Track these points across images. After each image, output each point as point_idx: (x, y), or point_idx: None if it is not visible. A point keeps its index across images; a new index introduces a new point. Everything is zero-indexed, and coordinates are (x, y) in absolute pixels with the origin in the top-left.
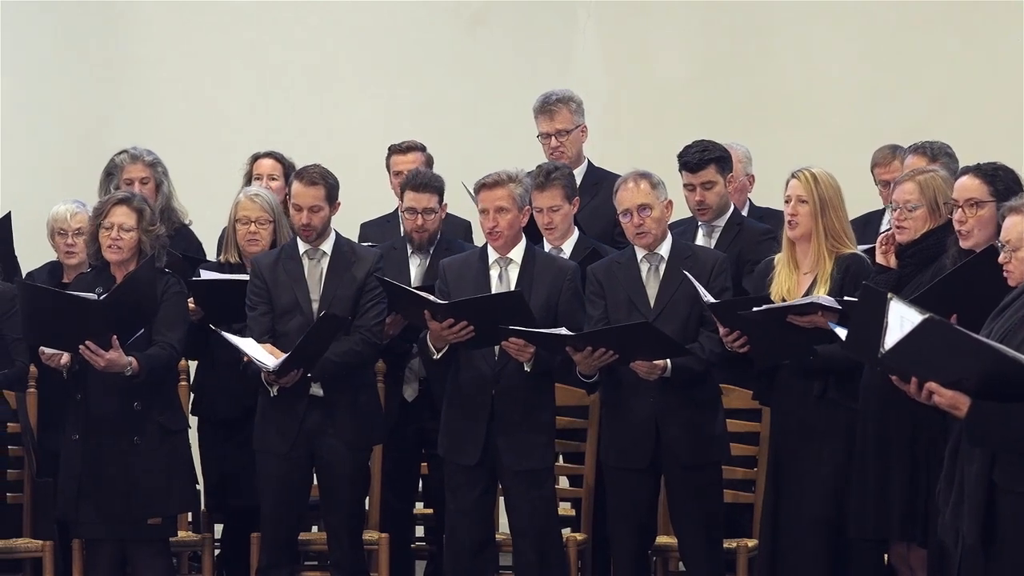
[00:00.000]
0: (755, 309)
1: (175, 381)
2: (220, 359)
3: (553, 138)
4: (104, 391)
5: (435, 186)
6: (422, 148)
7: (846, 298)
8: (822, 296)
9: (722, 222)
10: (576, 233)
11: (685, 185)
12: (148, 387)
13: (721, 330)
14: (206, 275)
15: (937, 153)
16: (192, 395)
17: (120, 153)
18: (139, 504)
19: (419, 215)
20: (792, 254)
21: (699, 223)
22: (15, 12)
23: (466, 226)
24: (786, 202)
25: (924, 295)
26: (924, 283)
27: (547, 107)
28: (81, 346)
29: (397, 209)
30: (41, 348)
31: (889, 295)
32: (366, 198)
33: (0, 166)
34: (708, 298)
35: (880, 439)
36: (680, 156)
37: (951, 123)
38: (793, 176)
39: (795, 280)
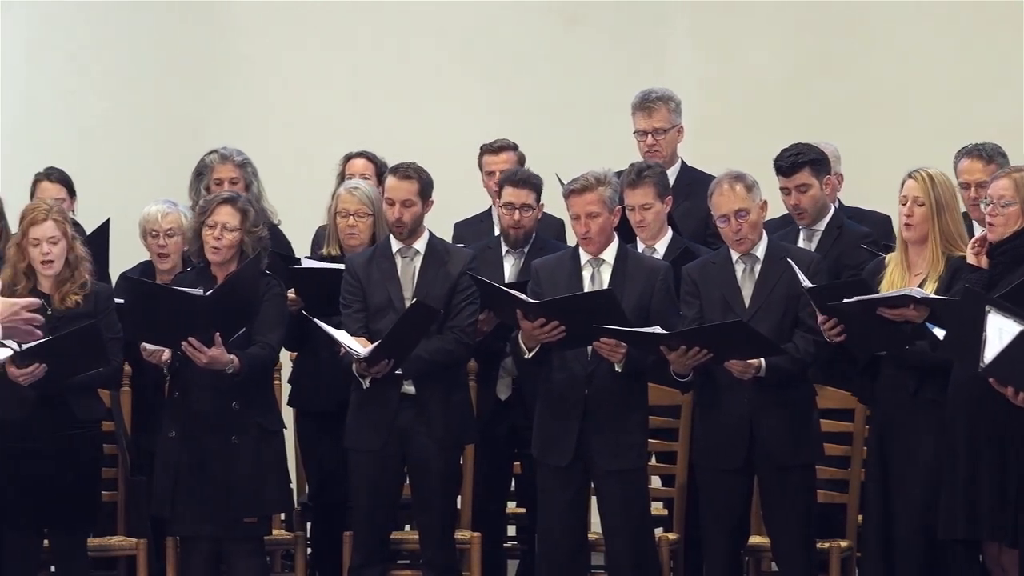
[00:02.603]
0: (846, 300)
1: (271, 381)
2: (321, 351)
3: (649, 136)
4: (203, 390)
5: (533, 183)
6: (514, 147)
7: (938, 296)
8: (914, 289)
9: (822, 225)
10: (669, 233)
11: (781, 189)
12: (246, 387)
13: (819, 318)
14: (306, 263)
15: (992, 154)
16: (289, 387)
17: (210, 153)
18: (236, 503)
19: (516, 211)
20: (905, 255)
21: (800, 227)
22: (109, 14)
23: (559, 225)
24: (901, 203)
25: (1008, 294)
26: (1013, 282)
27: (646, 104)
28: (184, 342)
29: (490, 208)
30: (143, 344)
31: (988, 307)
32: (459, 198)
33: (96, 168)
34: (806, 283)
35: (970, 438)
36: (775, 160)
37: None
38: (910, 176)
39: (906, 281)
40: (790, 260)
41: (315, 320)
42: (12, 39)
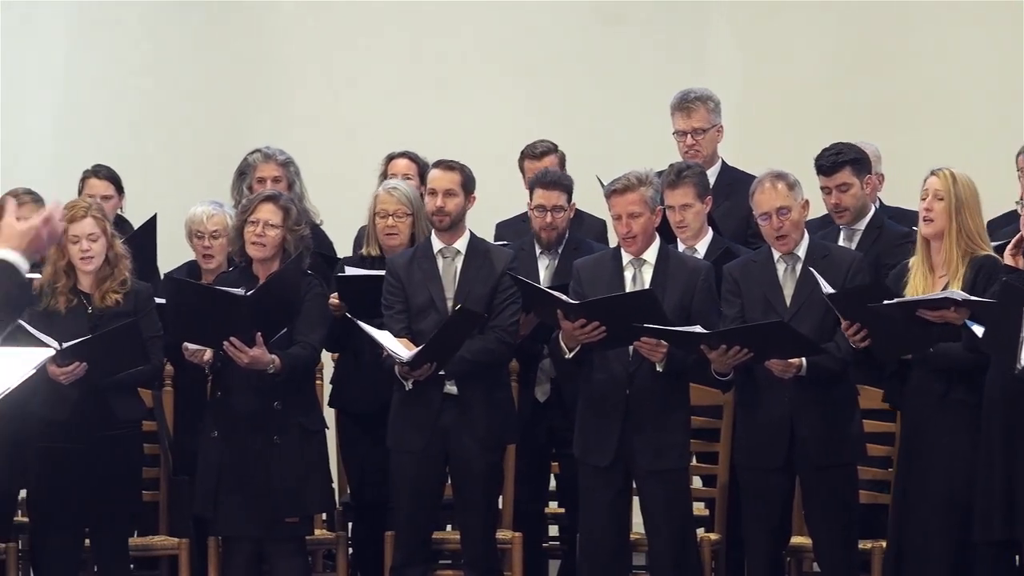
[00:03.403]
0: (886, 302)
1: (313, 381)
2: (363, 353)
3: (689, 136)
4: (245, 390)
5: (564, 184)
6: (555, 149)
7: (976, 298)
8: (956, 291)
9: (862, 225)
10: (710, 233)
11: (822, 188)
12: (288, 387)
13: (842, 323)
14: (350, 271)
15: None
16: (331, 387)
17: (253, 152)
18: (278, 503)
19: (548, 213)
20: (927, 256)
21: (840, 227)
22: (155, 13)
23: (601, 226)
24: (922, 199)
25: None
26: None
27: (685, 104)
28: (225, 342)
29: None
30: (185, 344)
31: None
32: (499, 197)
33: (139, 168)
34: (827, 288)
35: (1006, 439)
36: (816, 159)
37: None
38: (932, 173)
39: (930, 282)
40: (811, 268)
41: (358, 322)
42: (57, 39)
